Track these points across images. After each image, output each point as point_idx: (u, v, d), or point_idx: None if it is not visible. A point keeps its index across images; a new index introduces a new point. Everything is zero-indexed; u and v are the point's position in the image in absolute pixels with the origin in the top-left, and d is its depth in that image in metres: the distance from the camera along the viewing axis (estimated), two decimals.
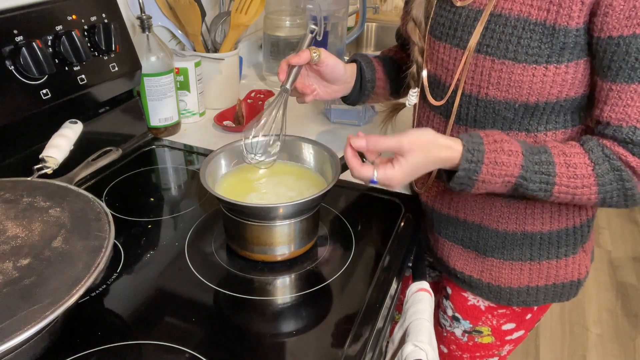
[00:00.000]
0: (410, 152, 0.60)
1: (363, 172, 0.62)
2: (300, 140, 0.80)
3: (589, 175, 0.60)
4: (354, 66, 0.83)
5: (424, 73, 0.76)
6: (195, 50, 1.15)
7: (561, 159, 0.61)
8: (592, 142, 0.61)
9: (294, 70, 0.72)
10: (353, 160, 0.63)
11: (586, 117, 0.67)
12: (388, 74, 0.88)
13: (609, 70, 0.58)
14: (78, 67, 0.84)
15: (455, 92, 0.70)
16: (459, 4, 0.68)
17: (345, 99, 0.86)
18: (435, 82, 0.74)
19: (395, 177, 0.61)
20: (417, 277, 0.83)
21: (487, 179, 0.61)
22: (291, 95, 0.75)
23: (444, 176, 0.67)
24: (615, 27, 0.56)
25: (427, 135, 0.61)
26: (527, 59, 0.61)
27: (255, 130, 0.75)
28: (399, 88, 0.90)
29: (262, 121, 0.74)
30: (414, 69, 0.78)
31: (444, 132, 0.73)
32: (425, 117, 0.78)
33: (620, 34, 0.56)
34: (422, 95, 0.78)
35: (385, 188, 0.91)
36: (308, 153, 0.80)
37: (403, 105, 0.92)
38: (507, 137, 0.62)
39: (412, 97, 0.79)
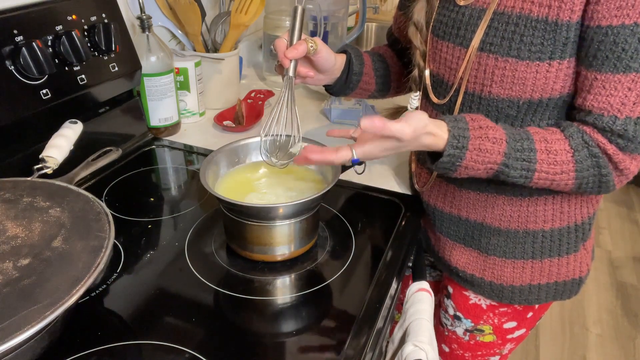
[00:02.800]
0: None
1: (342, 155, 0.63)
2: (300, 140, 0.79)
3: (568, 162, 0.62)
4: (343, 57, 0.83)
5: (427, 72, 0.76)
6: (195, 50, 1.15)
7: (542, 146, 0.62)
8: (572, 129, 0.62)
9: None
10: (328, 149, 0.64)
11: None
12: (376, 70, 0.88)
13: (595, 60, 0.59)
14: (78, 67, 0.84)
15: (458, 90, 0.70)
16: (462, 3, 0.68)
17: (328, 88, 0.85)
18: (438, 81, 0.74)
19: (374, 154, 0.63)
20: (417, 277, 0.83)
21: (470, 165, 0.62)
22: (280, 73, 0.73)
23: (428, 159, 0.67)
24: (605, 17, 0.56)
25: (422, 122, 0.60)
26: (530, 56, 0.61)
27: (276, 127, 0.72)
28: (384, 87, 0.90)
29: (277, 116, 0.72)
30: (415, 72, 0.78)
31: None
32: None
33: (609, 24, 0.56)
34: (425, 94, 0.78)
35: (381, 187, 0.91)
36: None
37: (405, 109, 0.92)
38: (492, 123, 0.63)
39: (414, 101, 0.79)
